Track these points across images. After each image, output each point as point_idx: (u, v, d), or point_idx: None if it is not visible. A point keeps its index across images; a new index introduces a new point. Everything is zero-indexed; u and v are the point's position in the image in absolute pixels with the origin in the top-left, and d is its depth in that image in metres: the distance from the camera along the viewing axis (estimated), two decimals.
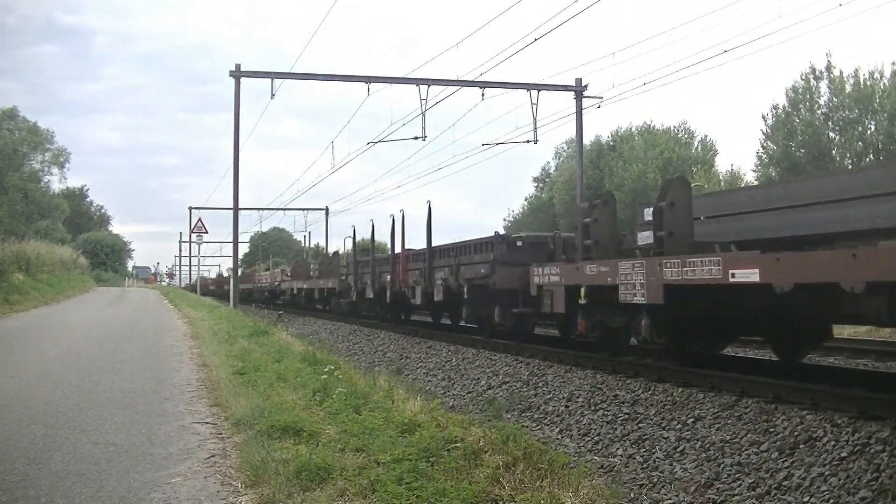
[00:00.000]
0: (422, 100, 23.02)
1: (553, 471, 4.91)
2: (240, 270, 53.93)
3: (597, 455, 7.65)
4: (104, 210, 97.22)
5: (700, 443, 7.09)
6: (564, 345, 12.28)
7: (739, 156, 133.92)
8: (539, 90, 24.37)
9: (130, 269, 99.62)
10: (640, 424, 7.99)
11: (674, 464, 6.93)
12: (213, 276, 79.78)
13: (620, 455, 7.50)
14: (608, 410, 8.67)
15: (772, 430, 6.72)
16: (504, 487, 4.54)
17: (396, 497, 4.34)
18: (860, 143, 34.09)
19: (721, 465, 6.54)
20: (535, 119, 24.44)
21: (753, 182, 39.63)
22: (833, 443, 6.12)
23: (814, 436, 6.33)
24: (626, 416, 8.31)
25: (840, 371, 9.20)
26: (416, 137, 23.40)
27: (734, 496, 6.05)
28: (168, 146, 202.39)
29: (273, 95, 24.01)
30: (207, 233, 41.36)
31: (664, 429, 7.67)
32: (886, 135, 33.35)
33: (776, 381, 7.68)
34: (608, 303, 9.20)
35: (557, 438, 8.41)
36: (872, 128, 34.48)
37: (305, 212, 52.87)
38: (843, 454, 5.91)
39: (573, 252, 11.63)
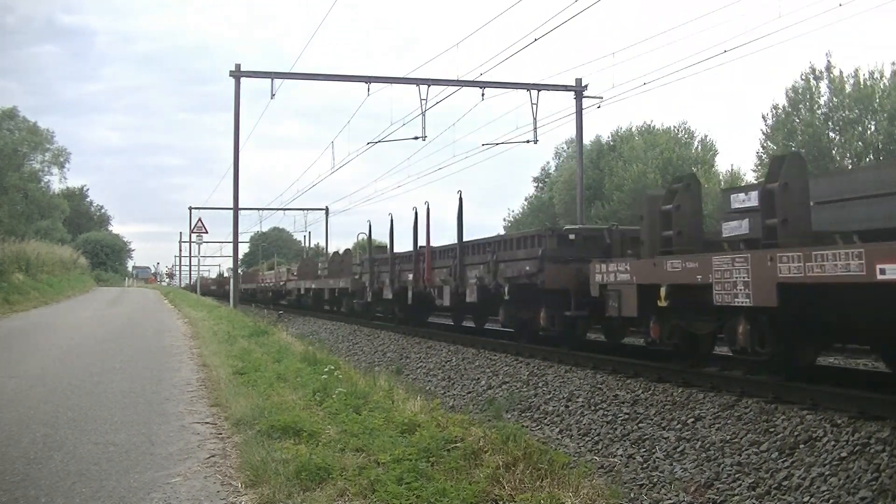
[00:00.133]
0: (422, 100, 23.05)
1: (553, 471, 4.91)
2: (240, 270, 54.23)
3: (597, 455, 7.65)
4: (104, 210, 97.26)
5: (700, 443, 7.09)
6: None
7: (739, 156, 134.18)
8: (539, 90, 24.39)
9: (130, 269, 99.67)
10: (640, 424, 7.99)
11: (674, 464, 6.93)
12: (214, 276, 79.78)
13: (620, 455, 7.50)
14: (608, 410, 8.67)
15: (772, 430, 6.72)
16: (504, 487, 4.54)
17: (396, 497, 4.34)
18: (860, 143, 34.10)
19: (721, 465, 6.54)
20: (535, 119, 24.48)
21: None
22: (833, 443, 6.12)
23: (814, 436, 6.33)
24: (626, 416, 8.31)
25: (840, 371, 9.20)
26: (416, 137, 23.45)
27: (734, 496, 6.05)
28: (168, 146, 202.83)
29: (273, 95, 24.08)
30: (207, 233, 41.37)
31: (664, 429, 7.67)
32: (886, 135, 33.36)
33: (776, 381, 7.68)
34: (694, 305, 8.17)
35: (557, 438, 8.42)
36: (872, 128, 34.49)
37: (305, 212, 53.02)
38: (843, 454, 5.92)
39: (633, 246, 10.39)
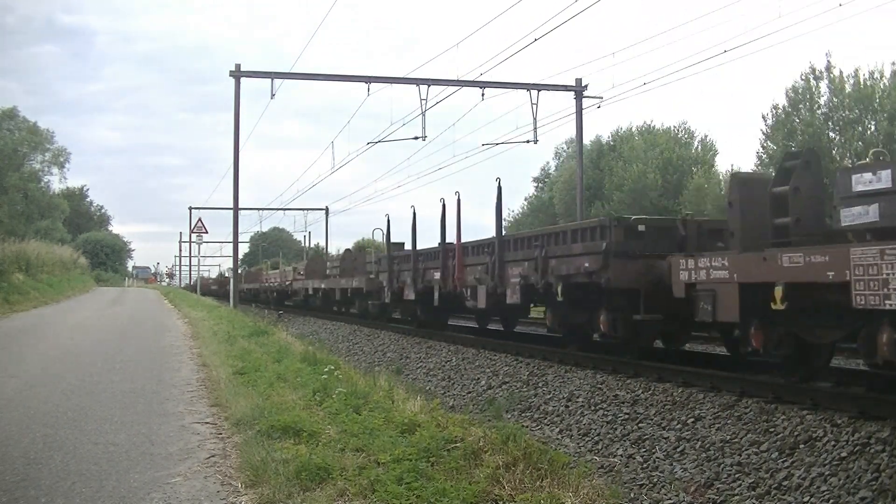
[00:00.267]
0: (422, 100, 23.03)
1: (553, 471, 4.91)
2: (240, 270, 54.20)
3: (597, 455, 7.65)
4: (104, 210, 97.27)
5: (700, 443, 7.09)
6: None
7: (739, 156, 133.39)
8: (539, 90, 24.37)
9: (130, 269, 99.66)
10: (640, 424, 7.99)
11: (674, 464, 6.93)
12: (214, 276, 79.74)
13: (620, 455, 7.50)
14: (608, 410, 8.67)
15: (772, 430, 6.72)
16: (504, 487, 4.55)
17: (396, 497, 4.34)
18: (860, 143, 34.03)
19: (721, 465, 6.54)
20: (535, 119, 24.45)
21: None
22: (833, 443, 6.12)
23: (814, 436, 6.33)
24: (626, 416, 8.31)
25: (840, 371, 9.20)
26: (416, 137, 23.43)
27: (734, 496, 6.05)
28: (168, 146, 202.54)
29: (273, 95, 24.07)
30: (207, 233, 41.41)
31: (664, 429, 7.67)
32: (886, 135, 33.29)
33: (776, 381, 7.68)
34: (817, 307, 6.99)
35: (557, 438, 8.42)
36: (872, 128, 34.43)
37: (305, 212, 52.93)
38: (843, 454, 5.92)
39: (713, 238, 9.37)
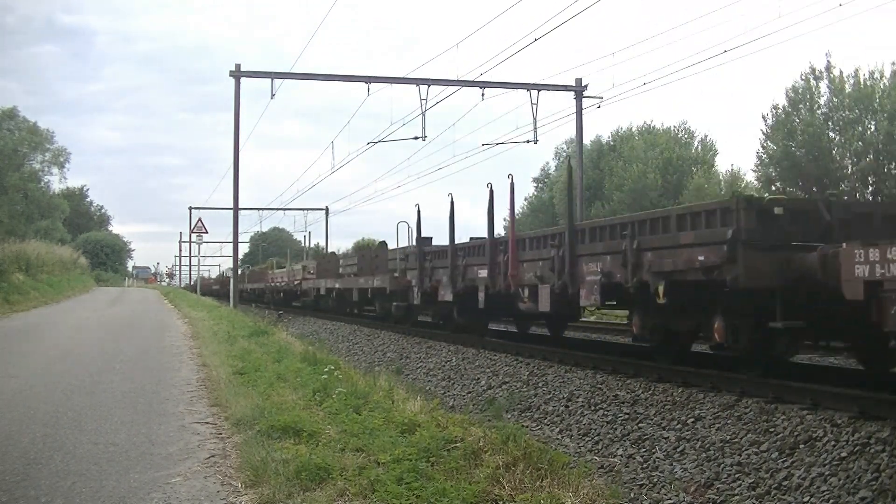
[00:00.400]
0: (422, 100, 23.04)
1: (553, 471, 4.92)
2: (245, 269, 54.20)
3: (597, 455, 7.65)
4: (104, 210, 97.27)
5: (700, 443, 7.09)
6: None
7: (739, 156, 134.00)
8: (539, 90, 24.37)
9: (130, 269, 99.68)
10: (640, 424, 7.99)
11: (674, 464, 6.93)
12: (214, 276, 79.64)
13: (620, 455, 7.50)
14: (608, 410, 8.67)
15: (772, 430, 6.72)
16: (504, 487, 4.55)
17: (396, 497, 4.34)
18: (860, 143, 34.04)
19: (721, 465, 6.54)
20: (535, 119, 24.46)
21: (754, 182, 39.43)
22: (833, 443, 6.12)
23: (814, 436, 6.33)
24: (626, 416, 8.31)
25: (840, 371, 9.20)
26: (416, 137, 23.43)
27: (734, 496, 6.05)
28: (168, 146, 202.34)
29: (273, 95, 24.08)
30: (207, 233, 41.39)
31: (664, 429, 7.67)
32: (886, 135, 33.27)
33: (776, 381, 7.68)
34: None
35: (557, 438, 8.42)
36: (872, 128, 34.40)
37: (305, 212, 53.08)
38: (843, 454, 5.92)
39: (861, 223, 7.83)
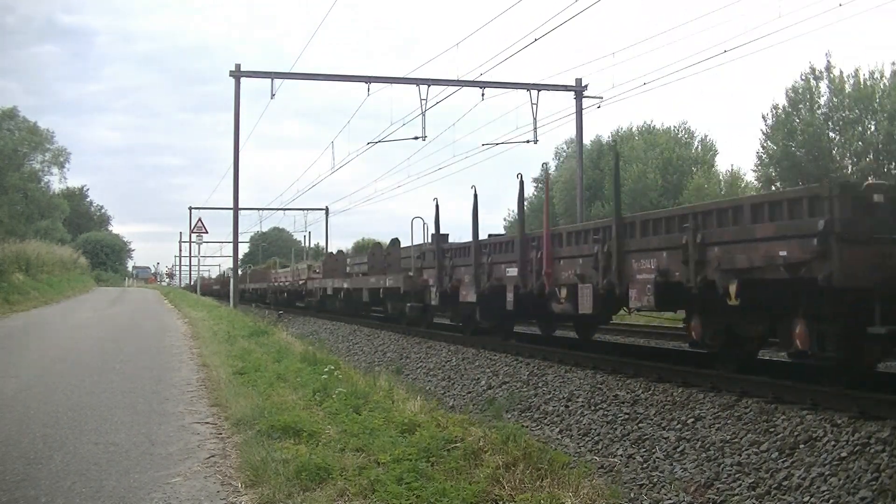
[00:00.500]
0: (422, 100, 23.05)
1: (553, 471, 4.92)
2: (248, 268, 54.14)
3: (597, 455, 7.65)
4: (104, 210, 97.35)
5: (700, 443, 7.09)
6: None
7: (739, 156, 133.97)
8: (539, 90, 24.39)
9: (130, 269, 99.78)
10: (640, 424, 7.99)
11: (674, 464, 6.93)
12: (214, 276, 79.57)
13: (620, 455, 7.50)
14: (608, 410, 8.67)
15: (772, 430, 6.72)
16: (504, 487, 4.55)
17: (396, 497, 4.34)
18: (860, 143, 34.05)
19: (721, 465, 6.54)
20: (535, 119, 24.48)
21: (754, 182, 39.44)
22: (833, 443, 6.12)
23: (814, 436, 6.33)
24: (626, 416, 8.31)
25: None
26: (416, 137, 23.46)
27: (734, 496, 6.05)
28: (168, 146, 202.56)
29: (273, 95, 24.11)
30: (207, 233, 41.43)
31: (664, 429, 7.67)
32: (886, 135, 33.29)
33: (776, 381, 7.68)
34: None
35: (557, 438, 8.42)
36: (872, 128, 34.41)
37: (305, 212, 53.08)
38: (843, 454, 5.91)
39: None
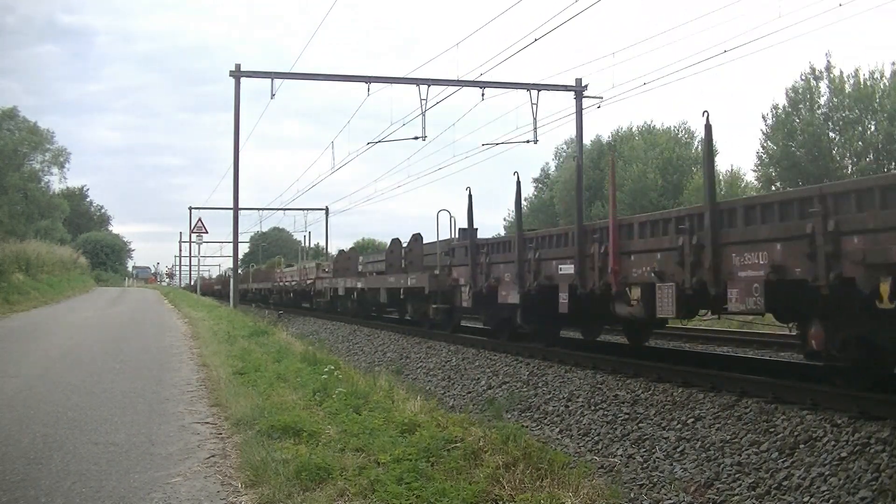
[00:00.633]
0: (422, 100, 23.06)
1: (553, 471, 4.92)
2: (247, 269, 54.10)
3: (597, 455, 7.65)
4: (104, 210, 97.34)
5: (700, 443, 7.09)
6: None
7: (739, 156, 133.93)
8: (539, 90, 24.40)
9: (130, 269, 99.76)
10: (640, 424, 7.99)
11: (674, 464, 6.93)
12: (215, 276, 79.53)
13: (620, 455, 7.50)
14: (608, 410, 8.67)
15: (772, 430, 6.72)
16: (504, 487, 4.55)
17: (396, 497, 4.34)
18: (860, 143, 34.08)
19: (721, 465, 6.54)
20: (535, 119, 24.48)
21: (754, 182, 39.43)
22: (833, 443, 6.12)
23: (814, 436, 6.33)
24: (626, 416, 8.31)
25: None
26: (416, 137, 23.45)
27: (734, 496, 6.05)
28: (168, 146, 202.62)
29: (273, 95, 24.13)
30: (207, 233, 41.47)
31: (664, 429, 7.67)
32: (886, 135, 33.33)
33: (776, 381, 7.68)
34: None
35: (557, 438, 8.41)
36: (872, 128, 34.44)
37: (305, 212, 52.93)
38: (843, 454, 5.91)
39: None
